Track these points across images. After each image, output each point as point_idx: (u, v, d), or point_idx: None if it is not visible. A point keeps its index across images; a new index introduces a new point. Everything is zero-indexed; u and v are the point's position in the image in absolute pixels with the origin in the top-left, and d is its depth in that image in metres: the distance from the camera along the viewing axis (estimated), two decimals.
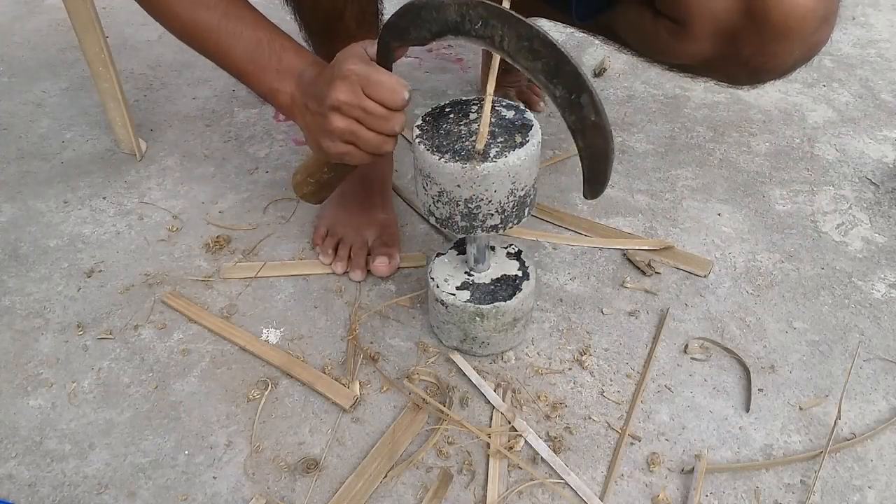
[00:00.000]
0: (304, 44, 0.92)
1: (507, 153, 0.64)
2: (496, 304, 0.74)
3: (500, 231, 0.69)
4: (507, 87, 1.20)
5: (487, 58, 1.22)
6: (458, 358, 0.80)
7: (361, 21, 0.86)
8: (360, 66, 0.63)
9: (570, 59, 0.56)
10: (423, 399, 0.76)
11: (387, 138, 0.66)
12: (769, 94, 1.25)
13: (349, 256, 0.91)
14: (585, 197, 0.66)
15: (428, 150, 0.65)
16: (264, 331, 0.85)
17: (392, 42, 0.64)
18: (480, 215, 0.67)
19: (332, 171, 0.77)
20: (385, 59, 0.65)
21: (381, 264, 0.89)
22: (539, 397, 0.76)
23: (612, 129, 0.59)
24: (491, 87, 0.63)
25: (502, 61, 0.61)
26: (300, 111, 0.71)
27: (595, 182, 0.64)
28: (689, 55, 0.79)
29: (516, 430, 0.73)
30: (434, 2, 0.59)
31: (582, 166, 0.63)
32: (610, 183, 1.04)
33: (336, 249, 0.92)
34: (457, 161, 0.63)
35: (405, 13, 0.62)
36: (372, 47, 0.65)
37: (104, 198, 1.05)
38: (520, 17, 0.57)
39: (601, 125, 0.59)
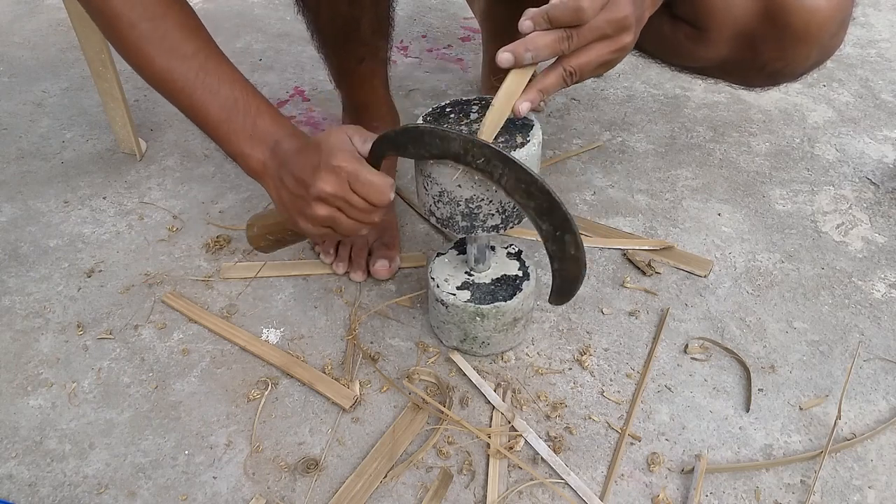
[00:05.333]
0: (315, 51, 0.93)
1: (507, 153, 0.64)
2: (496, 304, 0.74)
3: (501, 231, 0.69)
4: None
5: (488, 58, 1.22)
6: (458, 358, 0.80)
7: (377, 28, 0.87)
8: (351, 163, 0.63)
9: (561, 204, 0.61)
10: (423, 399, 0.76)
11: (364, 225, 0.67)
12: (769, 94, 1.25)
13: (350, 257, 0.91)
14: (550, 302, 0.70)
15: None
16: (264, 331, 0.85)
17: (387, 152, 0.65)
18: (481, 215, 0.67)
19: (294, 235, 0.77)
20: (375, 162, 0.66)
21: (381, 268, 0.89)
22: (539, 397, 0.76)
23: (612, 129, 0.60)
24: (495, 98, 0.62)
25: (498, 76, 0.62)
26: (273, 181, 0.69)
27: (562, 295, 0.69)
28: (707, 59, 0.79)
29: (516, 430, 0.73)
30: (438, 131, 0.61)
31: (552, 281, 0.68)
32: (610, 183, 1.05)
33: (337, 250, 0.92)
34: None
35: (405, 133, 0.63)
36: (359, 138, 0.66)
37: (104, 198, 1.05)
38: (521, 162, 0.60)
39: (578, 258, 0.64)
